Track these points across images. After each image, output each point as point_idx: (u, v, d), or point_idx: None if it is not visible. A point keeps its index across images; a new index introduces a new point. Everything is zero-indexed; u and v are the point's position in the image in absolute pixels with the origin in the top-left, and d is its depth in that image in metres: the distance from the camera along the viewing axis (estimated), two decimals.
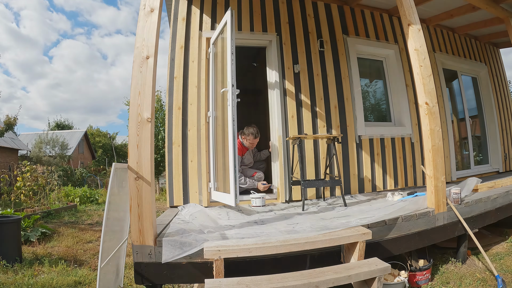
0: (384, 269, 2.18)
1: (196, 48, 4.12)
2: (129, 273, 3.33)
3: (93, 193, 10.71)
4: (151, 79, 2.39)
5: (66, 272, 3.52)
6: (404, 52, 5.11)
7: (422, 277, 2.78)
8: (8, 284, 3.15)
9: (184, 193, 3.90)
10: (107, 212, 2.25)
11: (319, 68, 4.52)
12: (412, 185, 4.91)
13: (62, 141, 23.74)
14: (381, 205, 3.38)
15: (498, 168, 6.24)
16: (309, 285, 1.96)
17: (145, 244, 2.28)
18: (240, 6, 4.38)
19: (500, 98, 6.66)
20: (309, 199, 4.20)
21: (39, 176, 7.92)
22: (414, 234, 2.86)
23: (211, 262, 2.14)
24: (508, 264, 3.08)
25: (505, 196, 3.74)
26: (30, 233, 4.79)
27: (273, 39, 4.38)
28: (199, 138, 3.98)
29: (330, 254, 2.47)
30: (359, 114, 4.63)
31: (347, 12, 4.88)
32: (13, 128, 13.34)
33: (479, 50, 6.52)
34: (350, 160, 4.48)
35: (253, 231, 2.49)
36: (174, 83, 4.02)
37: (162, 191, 13.35)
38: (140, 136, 2.34)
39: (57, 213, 7.47)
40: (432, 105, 3.04)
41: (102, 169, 23.33)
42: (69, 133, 28.97)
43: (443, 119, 5.31)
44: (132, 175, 2.30)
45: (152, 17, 2.46)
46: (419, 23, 3.14)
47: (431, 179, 3.03)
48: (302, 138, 3.71)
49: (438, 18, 5.40)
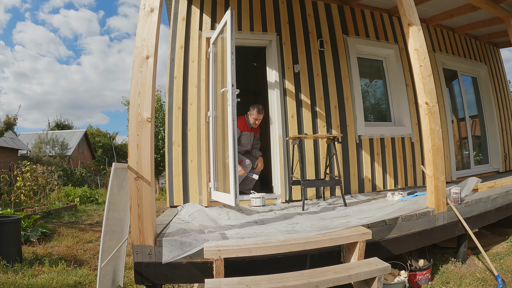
0: (384, 269, 2.18)
1: (196, 48, 4.12)
2: (129, 273, 3.33)
3: (93, 193, 10.70)
4: (151, 79, 2.39)
5: (66, 272, 3.52)
6: (404, 52, 5.11)
7: (422, 277, 2.78)
8: (8, 284, 3.15)
9: (184, 193, 3.90)
10: (107, 212, 2.25)
11: (319, 68, 4.52)
12: (412, 185, 4.91)
13: (62, 141, 23.76)
14: (381, 205, 3.38)
15: (498, 168, 6.24)
16: (309, 285, 1.96)
17: (145, 244, 2.28)
18: (240, 6, 4.38)
19: (500, 98, 6.66)
20: (309, 199, 4.20)
21: (39, 176, 7.91)
22: (414, 234, 2.86)
23: (211, 262, 2.14)
24: (508, 264, 3.08)
25: (505, 196, 3.74)
26: (30, 233, 4.79)
27: (273, 39, 4.38)
28: (199, 138, 3.98)
29: (330, 254, 2.47)
30: (359, 114, 4.63)
31: (347, 12, 4.88)
32: (13, 128, 13.35)
33: (479, 50, 6.52)
34: (350, 160, 4.48)
35: (253, 231, 2.49)
36: (174, 83, 4.02)
37: (162, 191, 13.34)
38: (140, 136, 2.34)
39: (57, 213, 7.47)
40: (432, 105, 3.04)
41: (102, 169, 23.30)
42: (69, 133, 28.96)
43: (443, 119, 5.31)
44: (132, 175, 2.30)
45: (152, 17, 2.46)
46: (419, 23, 3.14)
47: (431, 179, 3.03)
48: (302, 138, 3.71)
49: (438, 18, 5.40)
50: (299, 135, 3.69)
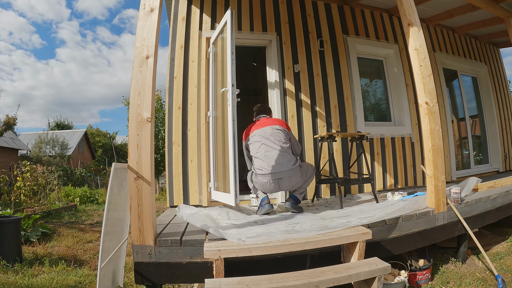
0: (384, 268, 2.17)
1: (196, 48, 4.12)
2: (129, 273, 3.33)
3: (93, 193, 10.70)
4: (151, 79, 2.39)
5: (66, 272, 3.52)
6: (404, 51, 5.11)
7: (422, 276, 2.77)
8: (8, 284, 3.15)
9: (184, 193, 3.90)
10: (107, 212, 2.24)
11: (319, 68, 4.52)
12: (412, 184, 4.91)
13: (62, 141, 23.75)
14: (381, 205, 3.38)
15: (498, 168, 6.24)
16: (309, 284, 1.96)
17: (145, 244, 2.27)
18: (240, 6, 4.38)
19: (500, 97, 6.66)
20: (309, 199, 4.20)
21: (39, 176, 7.91)
22: (414, 233, 2.86)
23: (211, 262, 2.14)
24: (508, 263, 3.08)
25: (505, 195, 3.74)
26: (30, 233, 4.79)
27: (273, 38, 4.38)
28: (199, 138, 3.98)
29: (330, 253, 2.47)
30: (359, 113, 4.63)
31: (347, 12, 4.88)
32: (12, 128, 13.34)
33: (479, 50, 6.52)
34: (350, 159, 4.47)
35: (253, 231, 2.48)
36: (174, 83, 4.02)
37: (162, 191, 13.34)
38: (140, 136, 2.33)
39: (57, 213, 7.47)
40: (432, 105, 3.04)
41: (102, 169, 23.31)
42: (69, 133, 28.96)
43: (443, 118, 5.31)
44: (132, 175, 2.30)
45: (152, 17, 2.45)
46: (419, 22, 3.14)
47: (431, 179, 3.03)
48: (334, 135, 3.65)
49: (438, 18, 5.40)
50: (330, 133, 3.62)
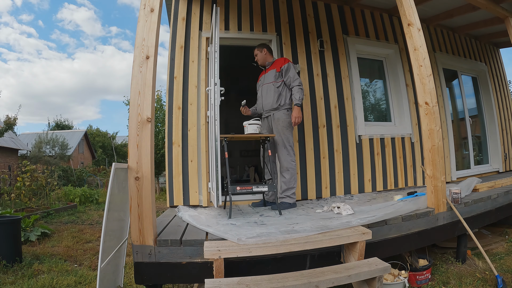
0: (384, 269, 2.17)
1: (196, 48, 4.12)
2: (129, 273, 3.32)
3: (93, 193, 10.69)
4: (151, 79, 2.39)
5: (66, 272, 3.52)
6: (404, 52, 5.11)
7: (422, 277, 2.77)
8: (8, 284, 3.15)
9: (184, 193, 3.90)
10: (107, 212, 2.24)
11: (319, 68, 4.52)
12: (412, 185, 4.91)
13: (62, 141, 23.74)
14: (381, 205, 3.37)
15: (498, 168, 6.24)
16: (309, 285, 1.96)
17: (145, 244, 2.27)
18: (240, 6, 4.38)
19: (500, 98, 6.66)
20: (309, 199, 4.20)
21: (39, 176, 7.91)
22: (414, 234, 2.86)
23: (211, 262, 2.14)
24: (508, 264, 3.08)
25: (505, 195, 3.74)
26: (30, 233, 4.79)
27: (273, 39, 4.38)
28: (199, 138, 3.98)
29: (330, 254, 2.47)
30: (359, 113, 4.63)
31: (347, 12, 4.88)
32: (13, 128, 13.34)
33: (479, 50, 6.52)
34: (350, 160, 4.48)
35: (253, 231, 2.48)
36: (174, 83, 4.02)
37: (162, 191, 13.34)
38: (140, 136, 2.33)
39: (57, 213, 7.47)
40: (432, 105, 3.04)
41: (102, 169, 23.31)
42: (69, 133, 28.98)
43: (443, 119, 5.31)
44: (132, 175, 2.30)
45: (152, 17, 2.45)
46: (419, 23, 3.14)
47: (431, 179, 3.03)
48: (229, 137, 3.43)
49: (438, 18, 5.39)
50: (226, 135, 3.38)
